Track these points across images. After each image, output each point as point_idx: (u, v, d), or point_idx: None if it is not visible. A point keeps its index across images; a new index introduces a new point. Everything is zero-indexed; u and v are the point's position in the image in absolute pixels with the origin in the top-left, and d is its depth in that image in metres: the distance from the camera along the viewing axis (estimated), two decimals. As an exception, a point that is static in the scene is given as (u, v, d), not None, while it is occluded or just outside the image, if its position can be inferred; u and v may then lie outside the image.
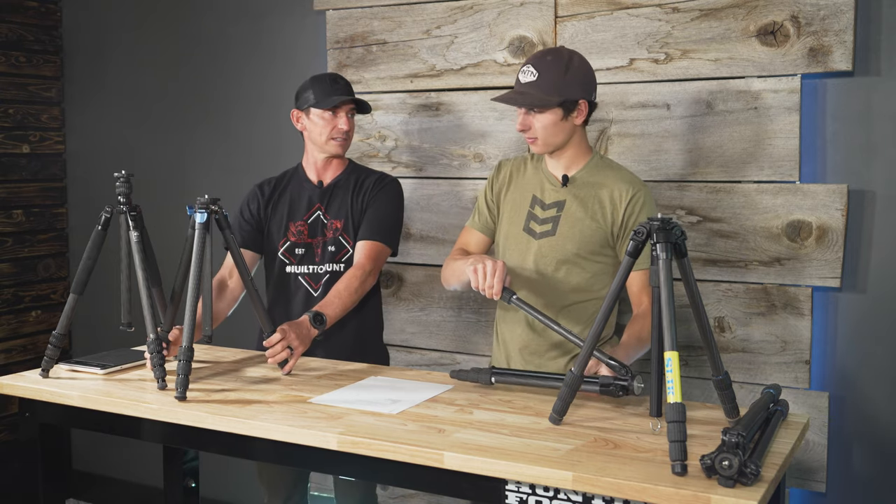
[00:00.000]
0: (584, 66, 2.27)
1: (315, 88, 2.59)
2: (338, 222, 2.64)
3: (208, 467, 2.90)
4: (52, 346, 2.25)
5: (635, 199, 2.26)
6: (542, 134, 2.24)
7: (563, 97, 2.20)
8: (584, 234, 2.28)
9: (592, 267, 2.30)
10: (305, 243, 2.65)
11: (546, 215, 2.33)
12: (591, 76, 2.28)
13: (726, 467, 1.49)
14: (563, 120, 2.23)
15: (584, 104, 2.24)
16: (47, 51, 3.87)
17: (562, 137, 2.26)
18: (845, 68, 2.44)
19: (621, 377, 1.91)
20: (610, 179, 2.29)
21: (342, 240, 2.63)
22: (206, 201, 2.15)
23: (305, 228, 2.65)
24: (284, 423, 1.86)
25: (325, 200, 2.65)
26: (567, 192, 2.31)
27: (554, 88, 2.19)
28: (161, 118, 3.69)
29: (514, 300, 2.12)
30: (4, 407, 3.81)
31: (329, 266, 2.64)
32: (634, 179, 2.31)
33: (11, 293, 3.80)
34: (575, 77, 2.22)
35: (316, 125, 2.60)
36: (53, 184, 3.94)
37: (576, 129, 2.28)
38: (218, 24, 3.51)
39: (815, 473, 2.54)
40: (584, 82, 2.24)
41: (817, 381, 2.55)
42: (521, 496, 1.65)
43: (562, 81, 2.20)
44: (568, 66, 2.22)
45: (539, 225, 2.33)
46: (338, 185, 2.67)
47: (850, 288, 2.51)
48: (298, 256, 2.66)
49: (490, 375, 2.08)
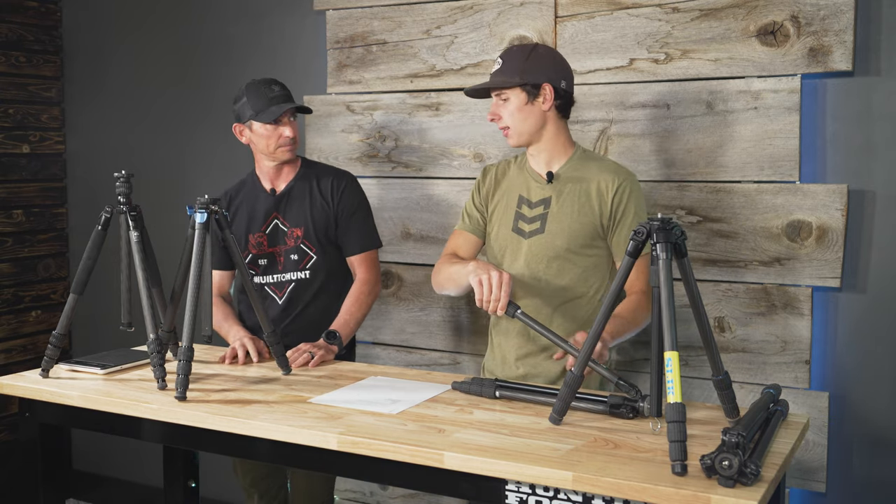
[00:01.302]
0: (551, 54, 2.31)
1: (252, 99, 2.53)
2: (298, 230, 2.62)
3: (208, 467, 2.90)
4: (52, 346, 2.25)
5: (622, 188, 2.26)
6: (510, 121, 2.27)
7: (524, 80, 2.23)
8: (572, 228, 2.28)
9: (584, 262, 2.30)
10: (267, 253, 2.63)
11: (534, 214, 2.33)
12: (561, 65, 2.30)
13: (726, 467, 1.49)
14: (529, 104, 2.25)
15: (548, 88, 2.25)
16: (47, 51, 3.87)
17: (531, 124, 2.27)
18: (845, 68, 2.44)
19: (631, 397, 1.90)
20: (594, 172, 2.30)
21: (304, 247, 2.62)
22: (205, 201, 2.15)
23: (265, 239, 2.63)
24: (284, 423, 1.86)
25: (280, 208, 2.63)
26: (553, 189, 2.31)
27: (515, 72, 2.24)
28: (161, 118, 3.69)
29: (518, 314, 2.11)
30: (4, 407, 3.81)
31: (293, 274, 2.63)
32: (619, 169, 2.31)
33: (11, 293, 3.80)
34: (538, 62, 2.26)
35: (261, 137, 2.56)
36: (53, 184, 3.94)
37: (547, 117, 2.28)
38: (218, 24, 3.51)
39: (815, 473, 2.54)
40: (548, 67, 2.26)
41: (817, 381, 2.55)
42: (521, 496, 1.65)
43: (523, 65, 2.24)
44: (531, 53, 2.27)
45: (528, 224, 2.33)
46: (292, 191, 2.64)
47: (850, 288, 2.51)
48: (262, 267, 2.64)
49: (494, 389, 2.06)
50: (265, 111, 2.52)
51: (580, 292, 2.31)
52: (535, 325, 2.10)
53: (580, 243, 2.28)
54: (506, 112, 2.27)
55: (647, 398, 1.88)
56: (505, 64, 2.27)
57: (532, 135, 2.29)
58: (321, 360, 2.39)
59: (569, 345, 2.06)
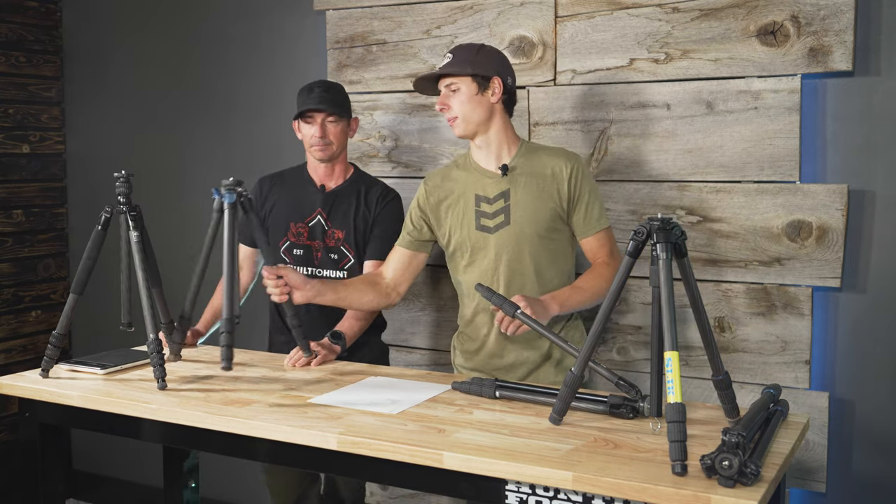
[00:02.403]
0: (497, 53, 2.43)
1: (298, 98, 2.68)
2: (339, 232, 2.68)
3: (208, 467, 2.90)
4: (52, 346, 2.25)
5: (575, 171, 2.36)
6: (460, 111, 2.34)
7: (476, 71, 2.32)
8: (537, 215, 2.35)
9: (551, 245, 2.37)
10: (304, 245, 2.69)
11: (495, 208, 2.38)
12: (506, 63, 2.42)
13: (726, 467, 1.49)
14: (479, 95, 2.33)
15: (497, 81, 2.34)
16: (47, 51, 3.87)
17: (479, 114, 2.34)
18: (845, 68, 2.44)
19: (631, 397, 1.90)
20: (545, 159, 2.39)
21: (344, 249, 2.68)
22: (232, 183, 2.17)
23: (305, 231, 2.69)
24: (284, 423, 1.86)
25: (327, 207, 2.69)
26: (509, 181, 2.38)
27: (466, 63, 2.33)
28: (161, 118, 3.69)
29: (518, 314, 2.12)
30: (4, 407, 3.81)
31: (331, 272, 2.68)
32: (568, 154, 2.43)
33: (11, 293, 3.80)
34: (487, 57, 2.36)
35: (302, 134, 2.69)
36: (53, 184, 3.94)
37: (494, 109, 2.36)
38: (218, 24, 3.51)
39: (815, 473, 2.54)
40: (496, 62, 2.37)
41: (817, 381, 2.55)
42: (521, 496, 1.65)
43: (474, 59, 2.34)
44: (480, 49, 2.38)
45: (491, 220, 2.38)
46: (341, 192, 2.71)
47: (850, 288, 2.51)
48: (296, 257, 2.69)
49: (494, 389, 2.06)
50: (298, 110, 2.65)
51: (552, 275, 2.38)
52: (534, 324, 2.10)
53: (545, 227, 2.35)
54: (455, 102, 2.34)
55: (647, 398, 1.88)
56: (455, 57, 2.35)
57: (479, 125, 2.36)
58: (323, 360, 2.39)
59: (568, 344, 2.06)
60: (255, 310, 3.39)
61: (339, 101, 2.66)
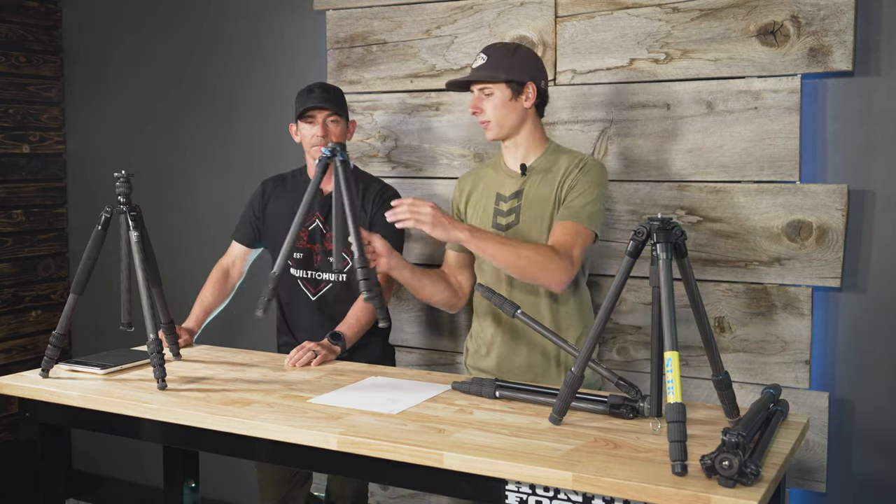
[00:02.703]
0: (532, 55, 2.38)
1: (297, 99, 2.67)
2: None
3: (208, 467, 2.90)
4: (52, 346, 2.25)
5: (578, 165, 2.31)
6: (493, 115, 2.32)
7: (510, 76, 2.29)
8: (544, 216, 2.33)
9: None
10: (304, 248, 2.69)
11: (509, 207, 2.38)
12: (540, 66, 2.38)
13: (726, 467, 1.49)
14: (513, 100, 2.31)
15: (531, 87, 2.31)
16: (47, 51, 3.87)
17: (513, 119, 2.33)
18: (845, 68, 2.44)
19: (631, 397, 1.90)
20: (562, 160, 2.36)
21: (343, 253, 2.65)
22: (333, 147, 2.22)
23: (305, 234, 2.69)
24: (284, 423, 1.86)
25: (325, 210, 2.68)
26: (525, 181, 2.37)
27: (501, 68, 2.30)
28: (161, 118, 3.69)
29: (518, 314, 2.11)
30: (4, 407, 3.81)
31: (330, 276, 2.68)
32: (582, 155, 2.38)
33: (11, 293, 3.80)
34: (522, 60, 2.33)
35: (301, 135, 2.68)
36: (53, 184, 3.94)
37: (527, 114, 2.34)
38: (218, 24, 3.51)
39: (815, 473, 2.54)
40: (531, 67, 2.34)
41: (817, 381, 2.55)
42: (521, 496, 1.65)
43: (508, 63, 2.31)
44: (515, 51, 2.34)
45: (504, 218, 2.38)
46: None
47: (850, 288, 2.51)
48: (296, 260, 2.69)
49: (494, 389, 2.06)
50: (298, 110, 2.64)
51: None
52: (534, 324, 2.10)
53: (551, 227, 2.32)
54: (489, 106, 2.32)
55: (647, 398, 1.88)
56: (490, 59, 2.32)
57: (511, 129, 2.35)
58: (323, 360, 2.39)
59: (568, 344, 2.07)
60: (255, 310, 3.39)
61: (338, 101, 2.67)
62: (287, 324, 2.75)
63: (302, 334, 2.65)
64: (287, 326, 2.75)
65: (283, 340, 2.76)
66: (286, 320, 2.76)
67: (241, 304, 2.92)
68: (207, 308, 2.73)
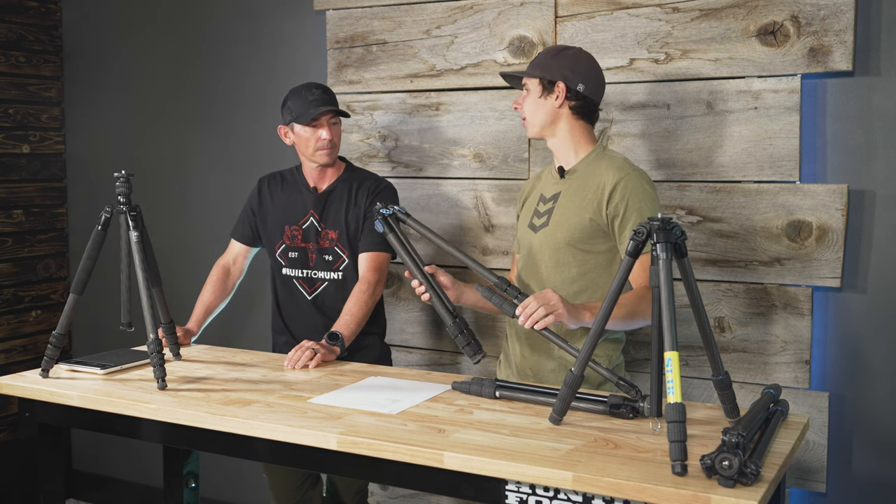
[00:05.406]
0: (578, 58, 2.32)
1: (294, 102, 2.63)
2: (333, 233, 2.67)
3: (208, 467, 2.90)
4: (52, 346, 2.25)
5: (619, 185, 2.22)
6: (526, 111, 2.35)
7: (542, 74, 2.30)
8: (571, 222, 2.28)
9: (586, 258, 2.28)
10: (299, 247, 2.69)
11: (545, 209, 2.37)
12: (585, 69, 2.31)
13: (726, 467, 1.49)
14: (543, 98, 2.31)
15: (561, 86, 2.28)
16: (47, 51, 3.87)
17: (541, 117, 2.32)
18: (845, 68, 2.44)
19: (631, 398, 1.90)
20: (602, 168, 2.29)
21: (338, 250, 2.67)
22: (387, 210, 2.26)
23: (300, 233, 2.69)
24: (284, 423, 1.86)
25: (319, 208, 2.68)
26: (564, 184, 2.35)
27: (538, 66, 2.33)
28: (161, 118, 3.69)
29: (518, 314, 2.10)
30: (4, 407, 3.81)
31: (326, 274, 2.68)
32: (624, 166, 2.28)
33: (11, 293, 3.80)
34: (562, 61, 2.31)
35: (301, 139, 2.65)
36: (53, 184, 3.94)
37: (559, 114, 2.31)
38: (218, 24, 3.51)
39: (815, 473, 2.54)
40: (569, 68, 2.29)
41: (817, 381, 2.55)
42: (521, 496, 1.65)
43: (548, 62, 2.32)
44: (559, 53, 2.34)
45: (539, 219, 2.37)
46: (332, 193, 2.70)
47: (850, 288, 2.51)
48: (291, 260, 2.70)
49: (494, 389, 2.06)
50: (304, 114, 2.59)
51: (581, 288, 2.28)
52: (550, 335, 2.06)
53: (580, 237, 2.27)
54: (525, 102, 2.35)
55: (647, 398, 1.88)
56: (536, 58, 2.36)
57: (544, 128, 2.34)
58: (322, 359, 2.39)
59: (568, 344, 2.06)
60: (255, 310, 3.39)
61: (336, 102, 2.66)
62: (285, 323, 2.75)
63: (300, 333, 2.65)
64: (285, 326, 2.75)
65: (282, 340, 2.76)
66: (283, 320, 2.76)
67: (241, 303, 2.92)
68: (208, 307, 2.72)
